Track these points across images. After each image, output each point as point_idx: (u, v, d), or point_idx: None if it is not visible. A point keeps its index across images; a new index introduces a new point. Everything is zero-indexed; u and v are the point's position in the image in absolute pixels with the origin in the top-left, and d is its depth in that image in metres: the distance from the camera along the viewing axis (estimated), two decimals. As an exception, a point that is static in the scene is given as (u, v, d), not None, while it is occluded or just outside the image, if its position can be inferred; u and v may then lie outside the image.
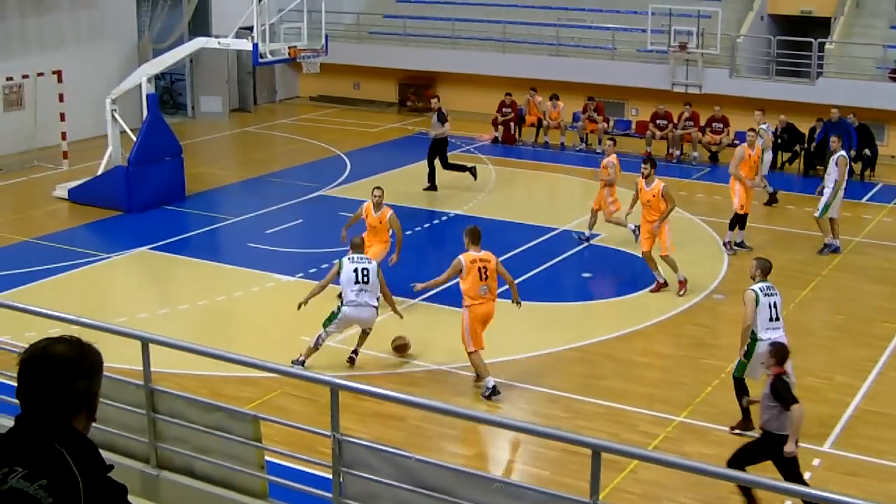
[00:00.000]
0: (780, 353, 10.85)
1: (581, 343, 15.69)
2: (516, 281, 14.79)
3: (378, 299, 14.44)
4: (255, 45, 21.89)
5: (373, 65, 34.65)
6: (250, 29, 22.13)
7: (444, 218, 22.28)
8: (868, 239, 21.23)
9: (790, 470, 10.45)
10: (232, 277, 18.40)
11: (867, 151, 25.79)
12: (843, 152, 20.13)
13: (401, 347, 14.98)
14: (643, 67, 30.79)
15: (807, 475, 11.79)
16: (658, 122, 28.60)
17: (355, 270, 14.26)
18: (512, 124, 30.19)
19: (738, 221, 20.09)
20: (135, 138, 22.59)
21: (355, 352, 14.70)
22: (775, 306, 12.70)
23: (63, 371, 3.79)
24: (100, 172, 23.11)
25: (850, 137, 24.83)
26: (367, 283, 14.24)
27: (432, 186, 24.03)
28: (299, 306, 14.62)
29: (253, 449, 7.49)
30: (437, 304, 17.18)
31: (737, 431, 12.61)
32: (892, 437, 12.89)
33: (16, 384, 3.83)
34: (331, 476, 7.09)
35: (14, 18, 27.78)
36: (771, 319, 12.66)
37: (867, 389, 14.19)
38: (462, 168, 24.23)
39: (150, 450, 7.84)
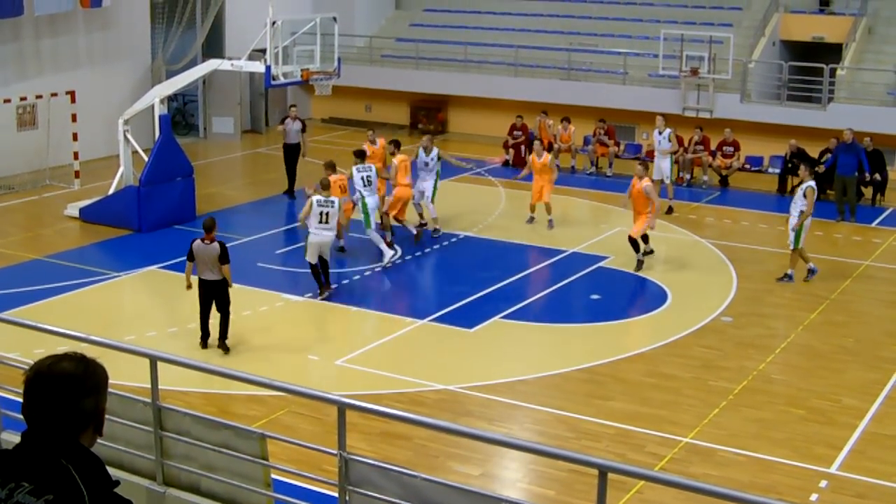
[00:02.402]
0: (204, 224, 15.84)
1: (589, 364, 15.70)
2: (526, 302, 14.76)
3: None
4: (268, 67, 22.01)
5: (385, 87, 34.79)
6: (263, 51, 22.25)
7: (454, 240, 22.32)
8: (878, 263, 21.22)
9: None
10: (241, 296, 18.38)
11: (878, 176, 25.80)
12: (811, 182, 19.47)
13: None
14: (654, 92, 30.86)
15: (814, 497, 11.82)
16: (669, 145, 28.64)
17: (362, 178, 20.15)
18: (523, 147, 30.23)
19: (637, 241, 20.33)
20: (147, 158, 22.71)
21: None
22: (327, 215, 17.74)
23: (70, 389, 3.81)
24: (111, 192, 23.22)
25: (861, 161, 24.81)
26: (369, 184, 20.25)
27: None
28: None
29: (259, 467, 7.51)
30: (444, 324, 17.25)
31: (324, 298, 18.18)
32: (900, 460, 12.88)
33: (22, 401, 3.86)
34: (337, 494, 7.10)
35: (29, 39, 27.98)
36: (320, 222, 17.76)
37: (875, 412, 14.16)
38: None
39: (157, 467, 7.87)
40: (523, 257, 20.96)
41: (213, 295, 15.80)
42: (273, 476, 7.73)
